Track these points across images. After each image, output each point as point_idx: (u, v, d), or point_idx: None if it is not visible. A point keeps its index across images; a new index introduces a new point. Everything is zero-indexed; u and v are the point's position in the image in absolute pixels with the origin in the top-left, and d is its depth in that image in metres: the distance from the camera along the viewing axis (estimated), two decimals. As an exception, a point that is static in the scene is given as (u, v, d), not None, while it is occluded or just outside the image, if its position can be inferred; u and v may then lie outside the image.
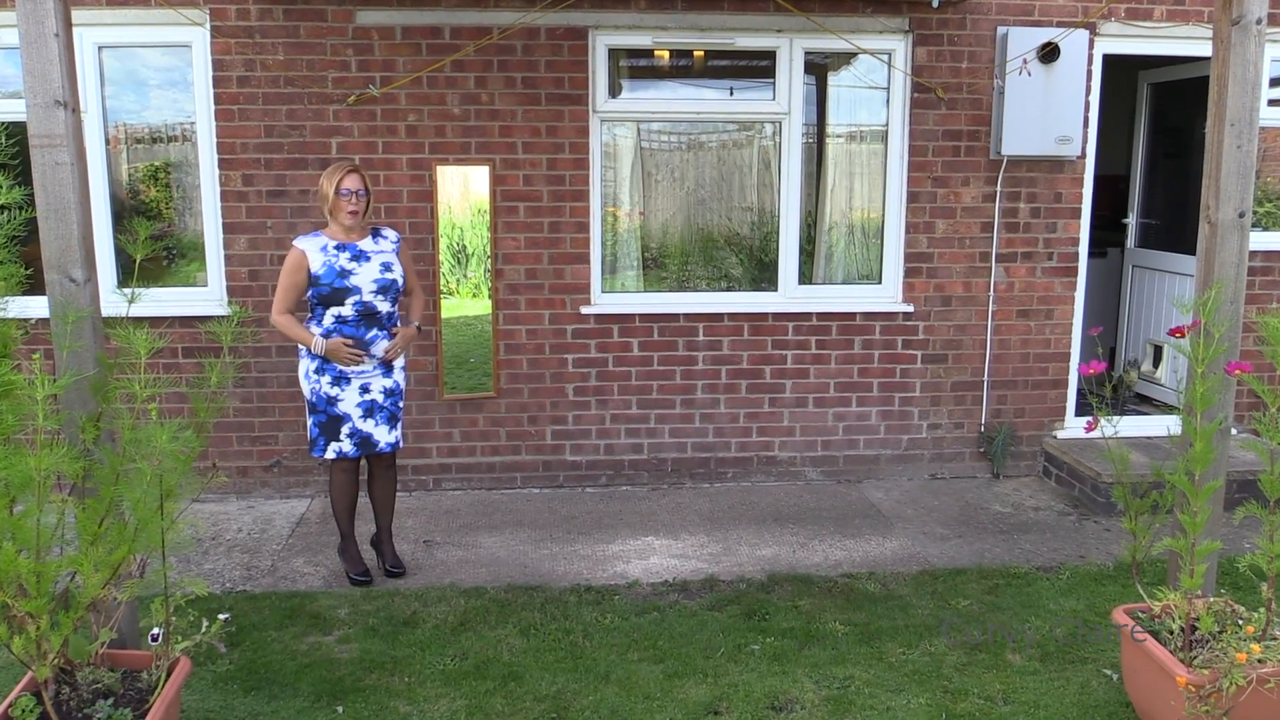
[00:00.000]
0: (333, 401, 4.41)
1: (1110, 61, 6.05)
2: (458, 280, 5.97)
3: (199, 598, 4.11)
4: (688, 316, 5.90)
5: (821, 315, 5.98)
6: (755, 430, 6.05)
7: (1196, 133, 6.54)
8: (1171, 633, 3.36)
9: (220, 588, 4.58)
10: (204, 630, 3.30)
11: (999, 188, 5.91)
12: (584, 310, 5.82)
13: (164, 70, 5.55)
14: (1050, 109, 5.71)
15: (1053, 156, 5.86)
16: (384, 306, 4.41)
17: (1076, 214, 5.99)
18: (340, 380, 4.40)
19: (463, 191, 5.77)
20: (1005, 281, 6.03)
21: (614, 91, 5.81)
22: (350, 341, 4.34)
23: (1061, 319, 6.08)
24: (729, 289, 6.23)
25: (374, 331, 4.40)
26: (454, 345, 5.85)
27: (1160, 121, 6.92)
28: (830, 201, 6.17)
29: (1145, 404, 6.83)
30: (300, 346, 4.43)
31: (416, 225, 5.64)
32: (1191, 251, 6.32)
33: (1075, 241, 6.03)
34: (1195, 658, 3.23)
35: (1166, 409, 6.58)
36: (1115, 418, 3.65)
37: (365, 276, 4.35)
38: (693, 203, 6.19)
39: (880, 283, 6.08)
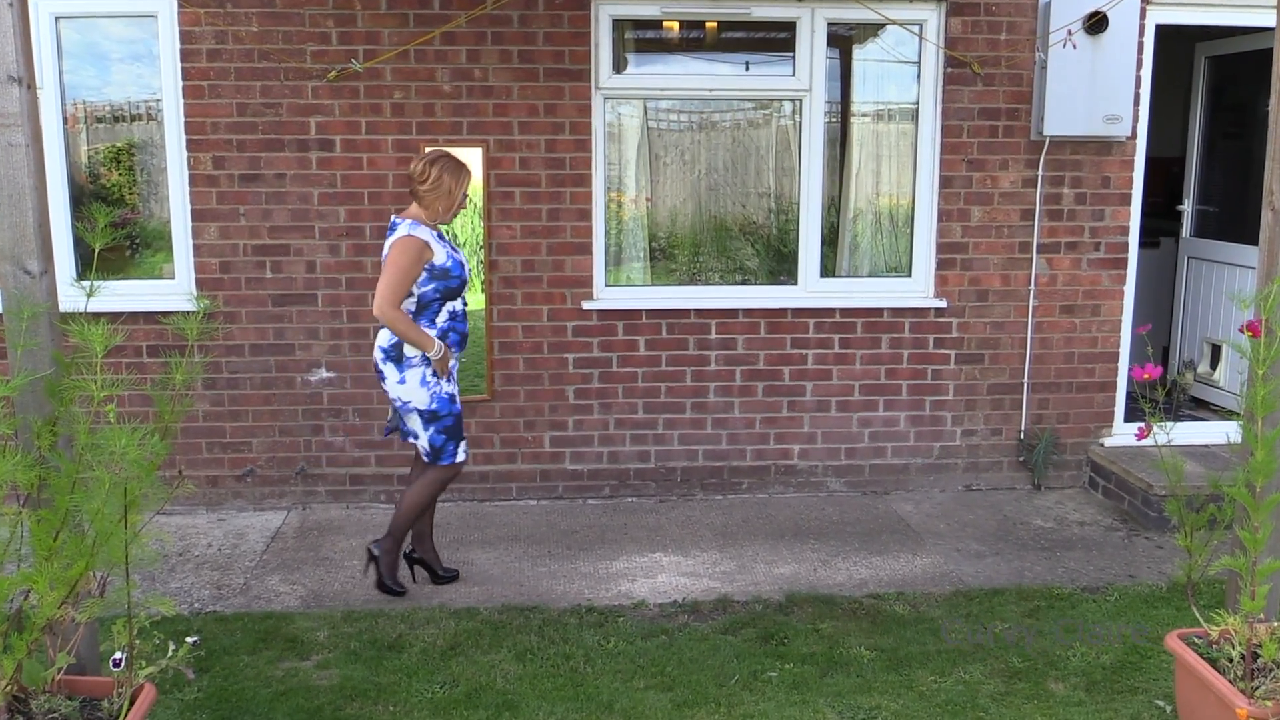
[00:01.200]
0: (454, 399, 4.55)
1: (1164, 32, 6.04)
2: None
3: (165, 619, 4.12)
4: (699, 313, 5.90)
5: (845, 311, 5.97)
6: (773, 437, 6.05)
7: (1259, 110, 6.52)
8: (1231, 660, 3.35)
9: (188, 608, 4.58)
10: (170, 654, 3.30)
11: (1041, 171, 5.90)
12: (586, 305, 5.82)
13: (127, 42, 5.56)
14: (1097, 85, 5.70)
15: (1100, 137, 5.85)
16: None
17: (1126, 200, 5.98)
18: (452, 375, 4.55)
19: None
20: (1047, 274, 6.01)
21: (619, 66, 5.81)
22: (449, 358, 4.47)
23: (1109, 315, 6.07)
24: (744, 282, 6.23)
25: (470, 323, 4.63)
26: (443, 343, 5.84)
27: (1219, 98, 6.90)
28: (855, 187, 6.16)
29: (1202, 409, 6.81)
30: (409, 354, 4.39)
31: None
32: (1253, 241, 6.29)
33: (1125, 230, 6.01)
34: (1258, 688, 3.21)
35: (1225, 414, 6.56)
36: (1169, 424, 3.63)
37: (467, 268, 4.54)
38: (704, 188, 6.19)
39: (910, 276, 6.07)
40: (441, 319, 4.45)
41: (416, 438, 4.53)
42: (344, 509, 5.83)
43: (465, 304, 4.53)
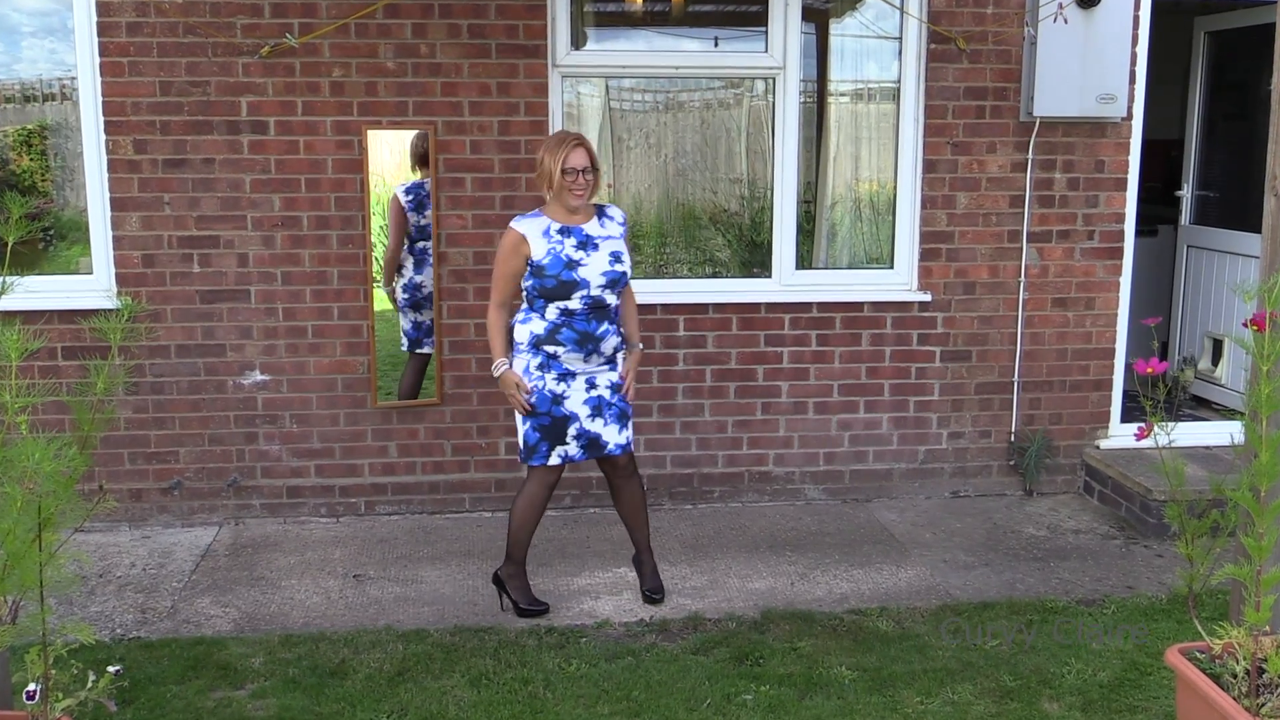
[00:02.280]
0: (558, 400, 4.55)
1: (1161, 7, 6.10)
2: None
3: (84, 646, 4.05)
4: (666, 308, 5.90)
5: (823, 306, 6.00)
6: (746, 442, 6.07)
7: (1262, 90, 6.61)
8: (1235, 676, 3.39)
9: (110, 634, 4.54)
10: (90, 685, 3.27)
11: (1031, 155, 5.95)
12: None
13: (38, 15, 5.49)
14: (1090, 62, 5.75)
15: (1094, 118, 5.91)
16: (611, 299, 4.56)
17: (1122, 185, 6.04)
18: (566, 376, 4.55)
19: (399, 160, 5.74)
20: (1038, 265, 6.07)
21: (577, 42, 5.80)
22: (528, 386, 4.51)
23: (1104, 308, 6.13)
24: (714, 275, 6.24)
25: (605, 326, 4.56)
26: (389, 343, 5.81)
27: (1220, 77, 6.99)
28: (833, 172, 6.19)
29: (1203, 408, 6.89)
30: (516, 339, 4.59)
31: (343, 200, 5.62)
32: (1257, 229, 6.37)
33: (1120, 218, 6.08)
34: (1263, 705, 3.25)
35: (1228, 414, 6.64)
36: (1170, 424, 3.67)
37: (594, 268, 4.49)
38: (671, 173, 6.19)
39: (892, 267, 6.11)
40: (551, 313, 4.51)
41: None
42: (281, 524, 5.79)
43: (588, 303, 4.48)
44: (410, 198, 5.69)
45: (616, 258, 4.54)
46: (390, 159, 5.71)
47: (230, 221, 5.59)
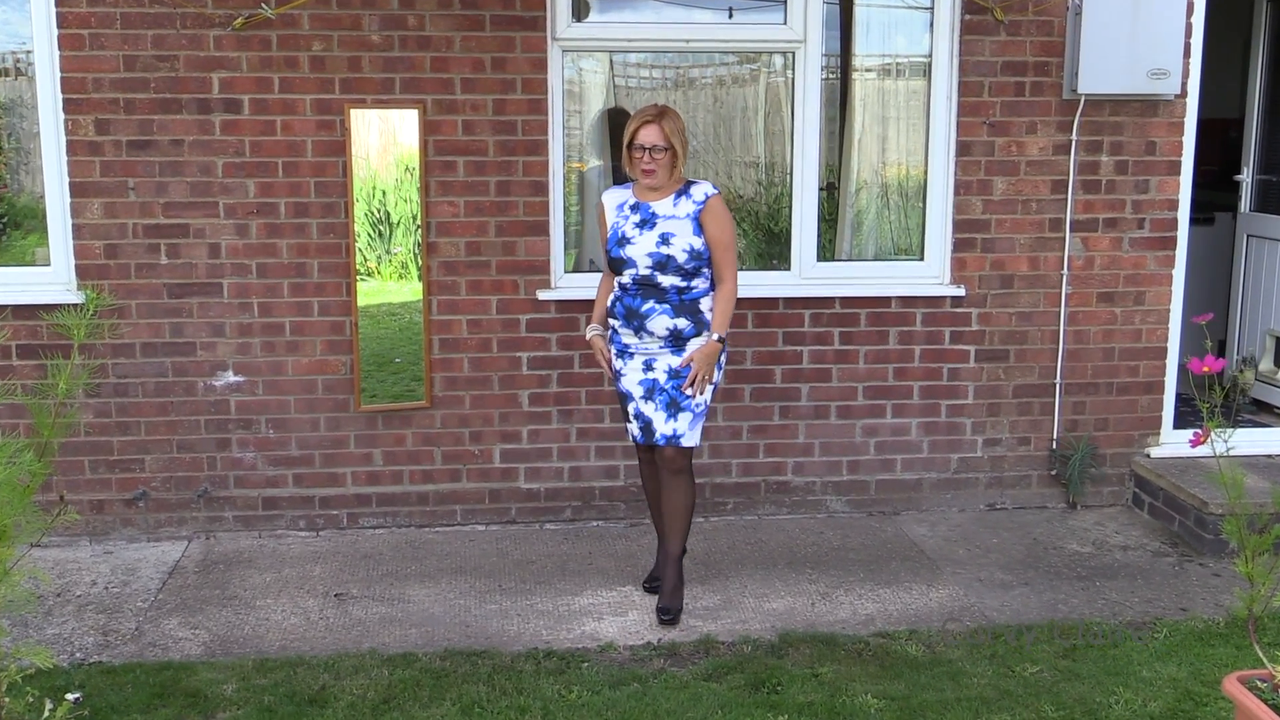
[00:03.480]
0: (618, 376, 4.89)
1: (1216, -26, 6.10)
2: (379, 258, 5.94)
3: (41, 672, 4.06)
4: (676, 303, 5.89)
5: (847, 300, 5.99)
6: (762, 449, 6.06)
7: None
8: (1297, 706, 3.38)
9: (69, 659, 4.53)
10: (48, 714, 3.27)
11: (1075, 136, 5.94)
12: (542, 295, 5.81)
13: (-7, -16, 5.50)
14: (1141, 34, 5.74)
15: (1144, 95, 5.89)
16: (668, 280, 4.69)
17: (1175, 169, 6.03)
18: (624, 353, 4.83)
19: (385, 143, 5.73)
20: (1083, 256, 6.05)
21: (579, 13, 5.80)
22: (608, 355, 4.89)
23: (1155, 303, 6.12)
24: (729, 267, 6.23)
25: (651, 304, 4.71)
26: (374, 341, 5.82)
27: (1283, 50, 6.96)
28: (858, 154, 6.18)
29: (1264, 412, 6.87)
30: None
31: (324, 186, 5.62)
32: (1320, 217, 6.36)
33: (1173, 204, 6.06)
34: (1328, 737, 3.24)
35: (1291, 419, 6.63)
36: (1227, 430, 3.65)
37: (640, 248, 4.71)
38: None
39: (922, 258, 6.10)
40: (614, 289, 4.82)
41: None
42: (256, 537, 5.79)
43: (637, 280, 4.70)
44: None
45: (665, 239, 4.66)
46: (375, 142, 5.71)
47: (201, 209, 5.59)
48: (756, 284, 5.98)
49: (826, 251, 6.14)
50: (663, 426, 4.74)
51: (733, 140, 6.22)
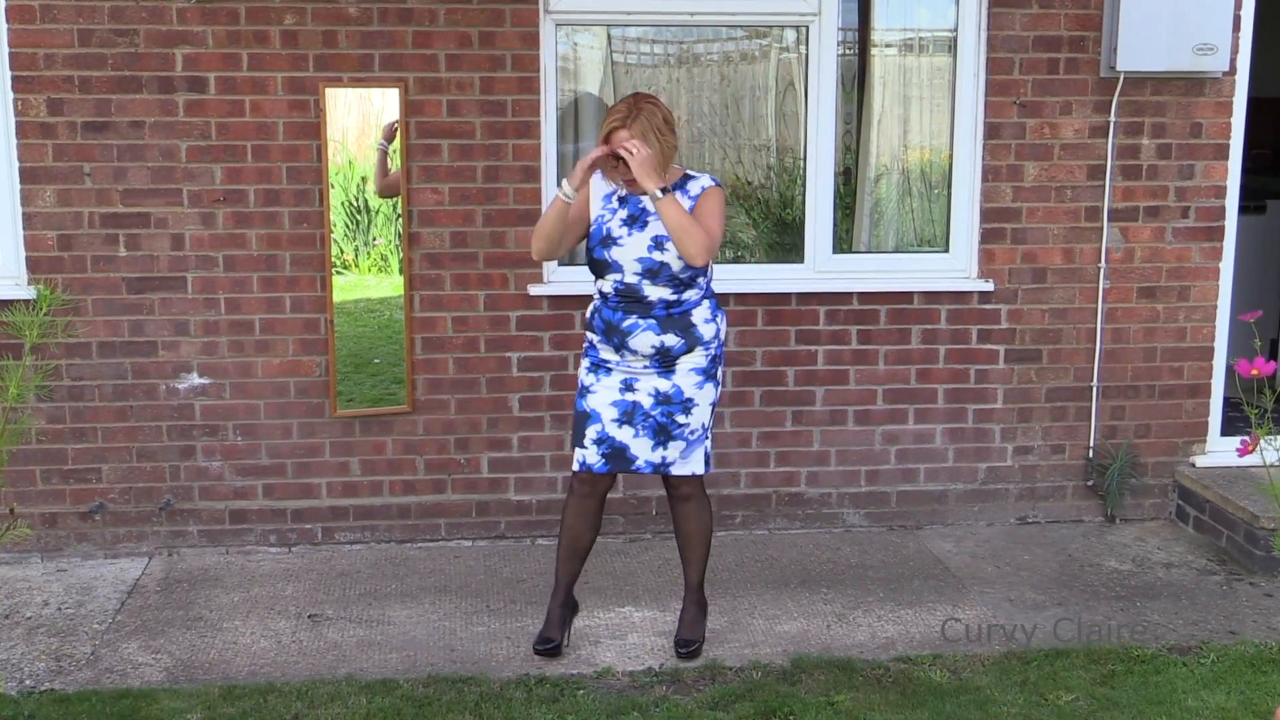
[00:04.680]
0: (583, 392, 4.66)
1: (1268, -60, 6.09)
2: (356, 249, 5.93)
3: (-12, 699, 4.07)
4: (679, 298, 5.89)
5: (865, 296, 5.98)
6: (773, 457, 6.05)
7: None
8: (1356, 737, 3.37)
9: (17, 686, 4.52)
10: (-6, 745, 3.26)
11: (1113, 117, 5.93)
12: (533, 291, 5.80)
13: (-63, -48, 5.49)
14: (1185, 6, 5.73)
15: (1189, 73, 5.88)
16: (655, 292, 4.49)
17: (1223, 153, 6.02)
18: (599, 368, 4.64)
19: (362, 124, 5.73)
20: (1121, 248, 6.05)
21: (574, -17, 5.80)
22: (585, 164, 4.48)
23: (1201, 299, 6.11)
24: (736, 260, 6.22)
25: (633, 319, 4.52)
26: (351, 340, 5.81)
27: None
28: (877, 138, 6.17)
29: (1317, 418, 6.86)
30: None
31: (297, 172, 5.61)
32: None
33: (1220, 191, 6.06)
34: (1390, 771, 3.23)
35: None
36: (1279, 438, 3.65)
37: (629, 251, 4.48)
38: (685, 139, 6.17)
39: (947, 250, 6.09)
40: (596, 295, 4.64)
41: None
42: (223, 553, 5.79)
43: (620, 290, 4.50)
44: None
45: (658, 244, 4.44)
46: (353, 123, 5.71)
47: (163, 196, 5.58)
48: (767, 278, 5.98)
49: (843, 243, 6.13)
50: (648, 454, 4.58)
51: (741, 122, 6.22)
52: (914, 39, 6.14)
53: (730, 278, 5.96)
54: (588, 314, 4.67)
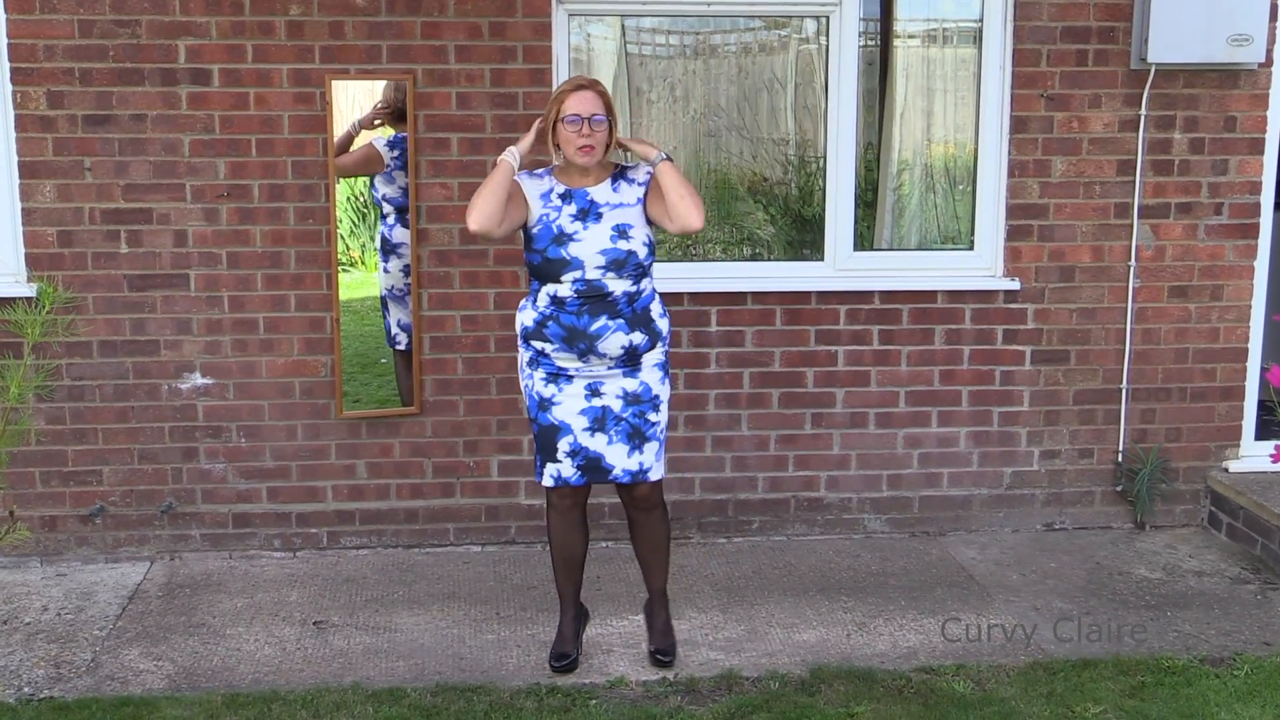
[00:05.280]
0: (545, 405, 4.56)
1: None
2: (363, 246, 5.94)
3: (-15, 707, 4.08)
4: (694, 297, 5.88)
5: (887, 295, 5.97)
6: (792, 461, 6.04)
7: None
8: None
9: (15, 694, 4.54)
10: (-9, 754, 3.27)
11: (1144, 110, 5.91)
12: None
13: (-66, -59, 5.51)
14: (1218, -5, 5.72)
15: (1223, 64, 5.86)
16: (619, 286, 4.44)
17: (1258, 147, 6.00)
18: (557, 377, 4.54)
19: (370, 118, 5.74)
20: (1152, 245, 6.03)
21: (588, -28, 5.80)
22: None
23: (1235, 299, 6.09)
24: (754, 257, 6.21)
25: (602, 322, 4.44)
26: (357, 339, 5.82)
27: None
28: (900, 131, 6.15)
29: (1355, 422, 6.83)
30: (518, 330, 4.62)
31: (302, 166, 5.62)
32: None
33: (1255, 187, 6.03)
34: None
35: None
36: (1313, 441, 3.64)
37: (590, 244, 4.41)
38: (702, 133, 6.17)
39: (971, 248, 6.08)
40: (542, 302, 4.50)
41: None
42: (226, 558, 5.80)
43: (581, 290, 4.41)
44: (396, 154, 5.69)
45: (621, 232, 4.42)
46: (360, 115, 5.71)
47: (165, 191, 5.60)
48: (786, 276, 5.98)
49: (864, 240, 6.12)
50: (624, 462, 4.53)
51: (759, 115, 6.20)
52: (938, 29, 6.12)
53: (748, 276, 5.97)
54: (529, 323, 4.53)
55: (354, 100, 5.65)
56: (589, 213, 4.45)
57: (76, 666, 4.75)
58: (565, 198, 4.48)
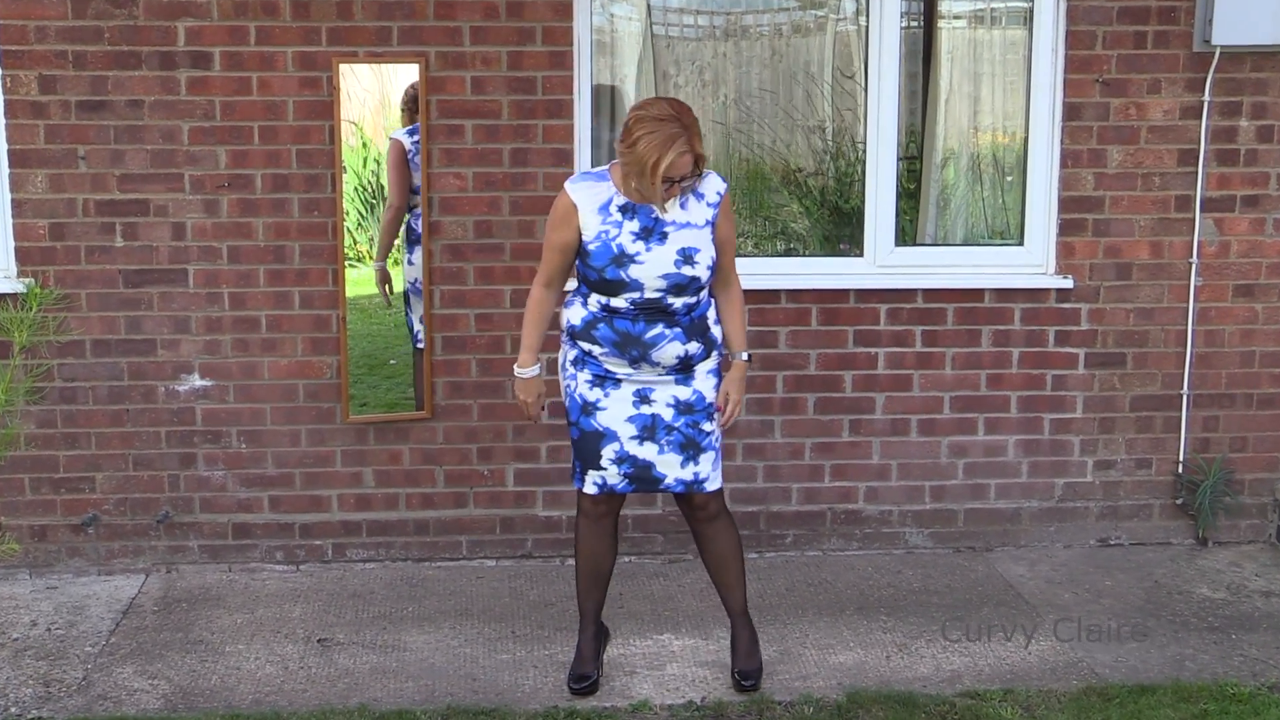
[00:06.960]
0: (590, 410, 4.55)
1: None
2: (371, 240, 5.95)
3: (-30, 727, 4.11)
4: (725, 295, 5.88)
5: (931, 294, 5.96)
6: (829, 471, 6.04)
7: None
8: None
9: (2, 713, 4.55)
10: (-24, 777, 3.29)
11: (1207, 96, 5.89)
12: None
13: (-80, -84, 5.55)
14: (1287, -27, 5.70)
15: (1292, 47, 5.85)
16: (678, 300, 4.43)
17: (1328, 137, 5.98)
18: (604, 380, 4.53)
19: (380, 103, 5.76)
20: (1216, 241, 6.00)
21: (611, -52, 5.82)
22: (539, 401, 4.72)
23: (1304, 299, 6.07)
24: (788, 253, 6.21)
25: (658, 329, 4.44)
26: (364, 339, 5.83)
27: None
28: (945, 119, 6.15)
29: None
30: (564, 325, 4.64)
31: (307, 155, 5.64)
32: None
33: (1325, 179, 6.01)
34: None
35: None
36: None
37: (652, 268, 4.37)
38: (733, 120, 6.18)
39: (1021, 243, 6.07)
40: (592, 304, 4.50)
41: None
42: (225, 571, 5.82)
43: (638, 304, 4.39)
44: (416, 139, 5.71)
45: (687, 257, 4.36)
46: (369, 102, 5.73)
47: (163, 181, 5.62)
48: (823, 272, 5.97)
49: (906, 234, 6.11)
50: (678, 471, 4.54)
51: (794, 101, 6.21)
52: (985, 10, 6.11)
53: (782, 272, 5.97)
54: (576, 323, 4.54)
55: (362, 84, 5.66)
56: (653, 232, 4.38)
57: (67, 685, 4.77)
58: (626, 211, 4.40)
